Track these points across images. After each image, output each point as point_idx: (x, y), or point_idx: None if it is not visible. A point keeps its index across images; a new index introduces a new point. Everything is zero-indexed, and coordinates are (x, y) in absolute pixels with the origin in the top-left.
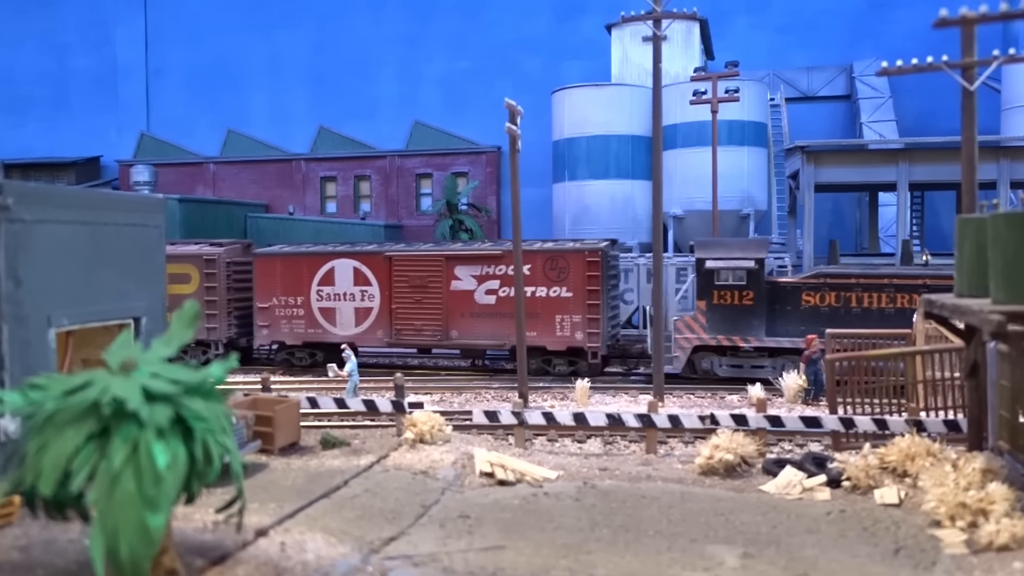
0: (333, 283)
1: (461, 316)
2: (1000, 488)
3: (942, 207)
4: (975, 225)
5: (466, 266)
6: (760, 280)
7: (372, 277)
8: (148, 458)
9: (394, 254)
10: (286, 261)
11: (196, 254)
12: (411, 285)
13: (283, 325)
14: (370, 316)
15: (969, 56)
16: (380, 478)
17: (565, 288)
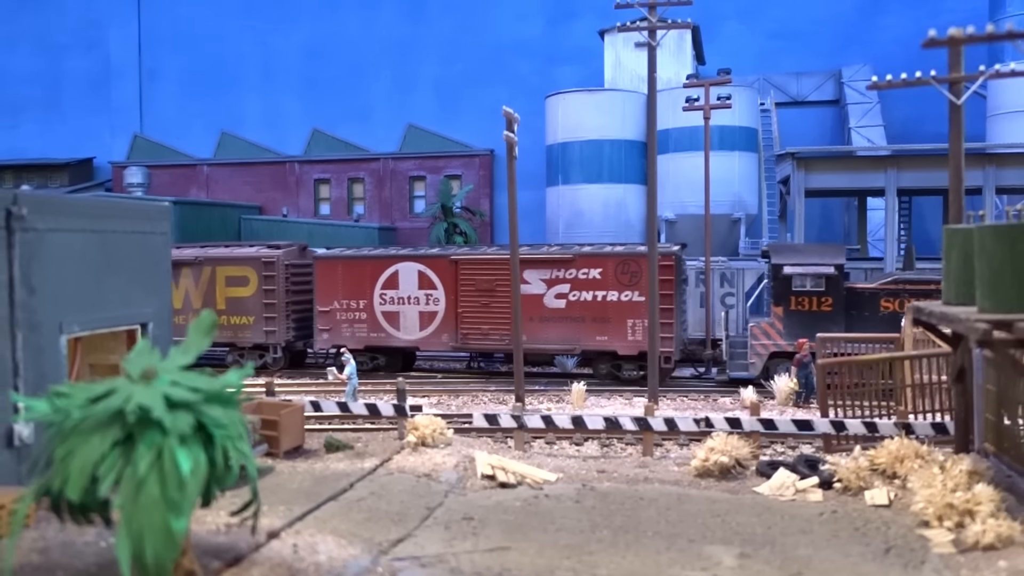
0: (397, 286)
1: (530, 320)
2: (986, 489)
3: (928, 212)
4: (962, 235)
5: (535, 270)
6: (839, 286)
7: (437, 281)
8: (172, 464)
9: (460, 257)
10: (348, 264)
11: (254, 256)
12: (478, 289)
13: (344, 329)
14: (435, 320)
15: (957, 72)
16: (385, 481)
17: (637, 292)
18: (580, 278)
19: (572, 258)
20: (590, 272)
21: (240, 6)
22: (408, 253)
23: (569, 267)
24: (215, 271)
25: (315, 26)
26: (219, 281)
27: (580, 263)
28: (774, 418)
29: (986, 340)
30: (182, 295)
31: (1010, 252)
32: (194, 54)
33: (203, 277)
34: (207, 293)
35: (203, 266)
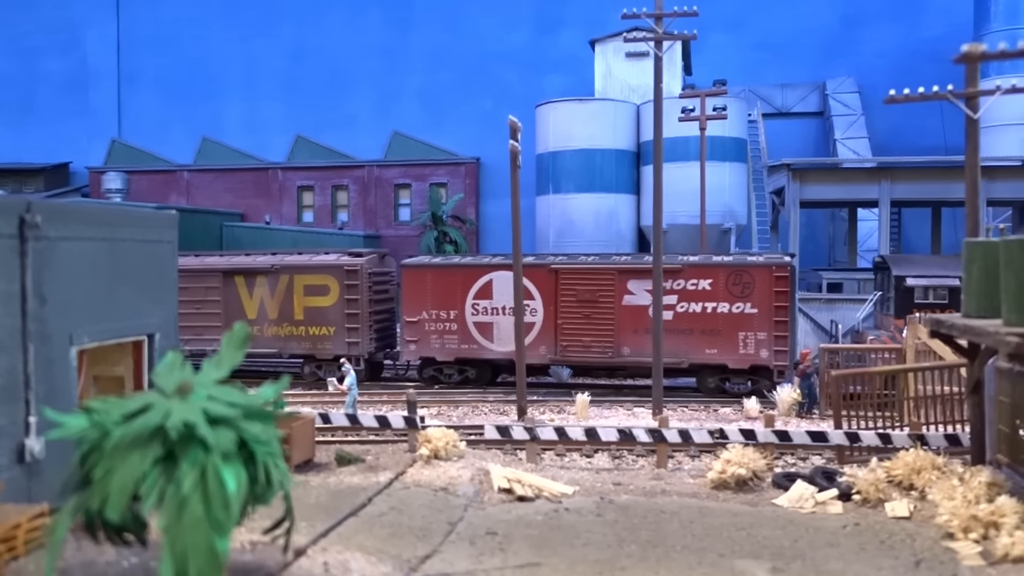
0: (491, 296)
1: (634, 332)
2: (1009, 501)
3: (911, 223)
4: (983, 249)
5: (640, 280)
6: None
7: (535, 290)
8: (216, 482)
9: (560, 267)
10: (438, 273)
11: (336, 264)
12: (579, 299)
13: (433, 340)
14: (532, 332)
15: (973, 87)
16: (402, 495)
17: (750, 304)
18: (689, 289)
19: (680, 268)
20: (699, 283)
21: (222, 10)
22: (503, 262)
23: (677, 277)
24: (293, 280)
25: (299, 31)
26: (297, 290)
27: (689, 274)
28: (789, 430)
29: (1017, 353)
30: (256, 305)
31: None
32: (174, 58)
33: (280, 286)
34: (284, 303)
35: (280, 275)
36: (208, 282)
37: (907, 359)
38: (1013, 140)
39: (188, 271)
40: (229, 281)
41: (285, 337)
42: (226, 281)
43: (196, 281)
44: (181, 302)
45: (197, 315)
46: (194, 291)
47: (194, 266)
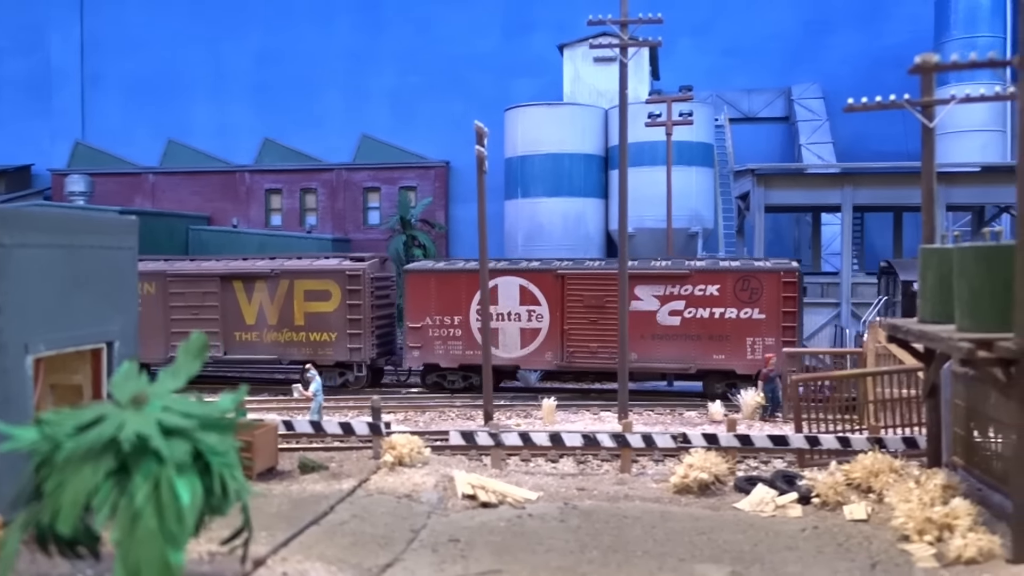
0: (496, 302)
1: (641, 338)
2: (963, 503)
3: (874, 227)
4: (938, 255)
5: (648, 286)
6: None
7: (541, 296)
8: (170, 495)
9: (567, 272)
10: (442, 278)
11: (337, 269)
12: (586, 305)
13: (437, 346)
14: (538, 337)
15: (929, 95)
16: (365, 503)
17: (757, 309)
18: (696, 294)
19: (688, 274)
20: (707, 288)
21: (188, 11)
22: (509, 267)
23: (685, 283)
24: (293, 284)
25: (267, 33)
26: (297, 295)
27: (697, 279)
28: (751, 434)
29: (969, 359)
30: (255, 311)
31: (989, 273)
32: (140, 59)
33: (279, 291)
34: (284, 308)
35: (280, 279)
36: (205, 287)
37: (868, 363)
38: (973, 146)
39: (185, 276)
40: (227, 286)
41: (285, 343)
42: (224, 286)
43: (193, 286)
44: (178, 307)
45: (194, 321)
46: (191, 296)
47: (191, 271)
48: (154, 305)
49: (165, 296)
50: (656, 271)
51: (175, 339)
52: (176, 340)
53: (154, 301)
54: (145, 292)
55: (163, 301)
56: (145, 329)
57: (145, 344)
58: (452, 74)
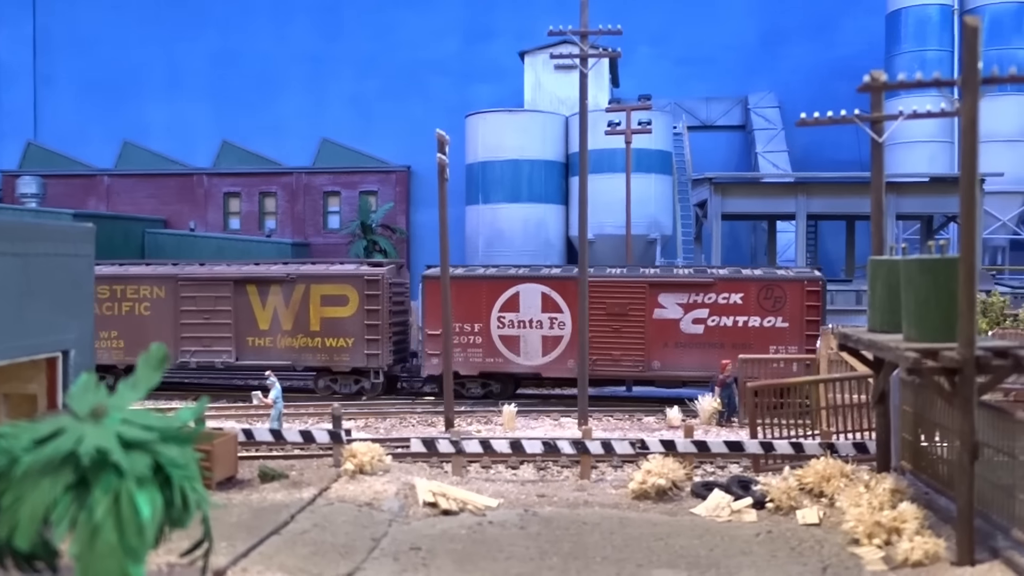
0: (518, 309)
1: (664, 346)
2: (910, 507)
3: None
4: (887, 266)
5: (671, 293)
6: None
7: (563, 303)
8: (130, 509)
9: (590, 279)
10: (462, 284)
11: (355, 274)
12: (608, 313)
13: (457, 354)
14: (560, 345)
15: (878, 111)
16: (326, 511)
17: (781, 318)
18: (720, 303)
19: (712, 282)
20: (731, 297)
21: (144, 9)
22: (531, 274)
23: (708, 291)
24: (309, 289)
25: (225, 34)
26: (313, 300)
27: (720, 287)
28: (707, 440)
29: (916, 368)
30: (270, 315)
31: (934, 284)
32: (94, 59)
33: (295, 296)
34: (299, 313)
35: (295, 284)
36: (217, 291)
37: (821, 369)
38: (922, 156)
39: (196, 279)
40: (240, 290)
41: (299, 348)
42: (237, 290)
43: (204, 290)
44: (189, 312)
45: (205, 326)
46: (202, 301)
47: (203, 274)
48: (164, 309)
49: (175, 300)
50: (680, 279)
51: (185, 344)
52: (187, 345)
53: (164, 305)
54: (155, 296)
55: (173, 305)
56: (156, 334)
57: None
58: (413, 79)
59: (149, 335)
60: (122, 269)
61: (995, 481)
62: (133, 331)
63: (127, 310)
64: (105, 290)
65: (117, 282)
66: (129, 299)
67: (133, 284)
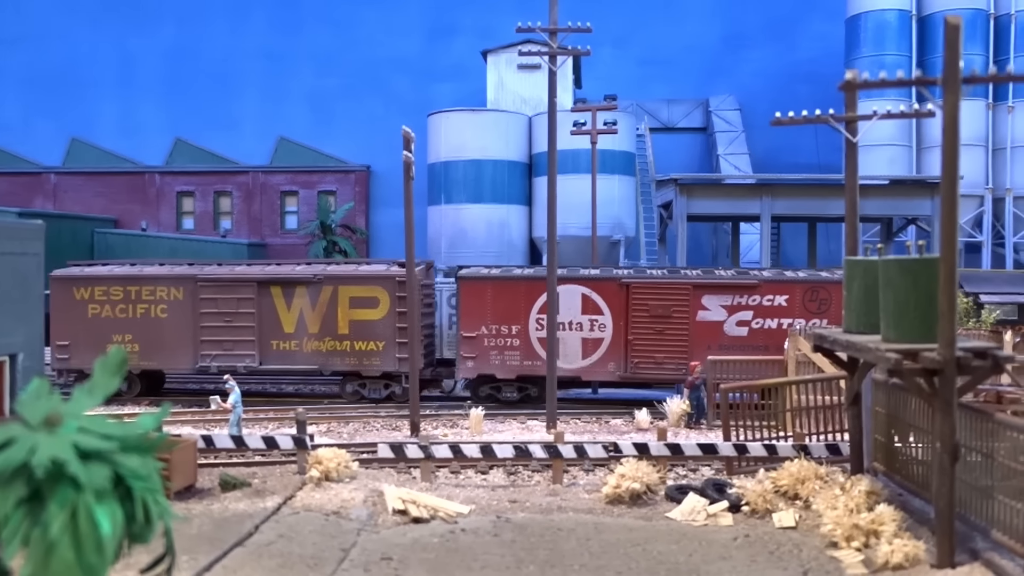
0: (557, 311)
1: (708, 349)
2: (888, 509)
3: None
4: (863, 267)
5: (715, 295)
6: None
7: (604, 305)
8: (89, 524)
9: (632, 281)
10: (499, 285)
11: (386, 275)
12: (651, 315)
13: (493, 357)
14: (600, 348)
15: (852, 111)
16: (292, 521)
17: (826, 320)
18: (764, 305)
19: (756, 284)
20: (775, 299)
21: (94, 1)
22: (570, 275)
23: (753, 293)
24: (337, 291)
25: (179, 29)
26: (342, 302)
27: (765, 289)
28: (680, 442)
29: (896, 369)
30: (295, 318)
31: (914, 285)
32: (41, 52)
33: (322, 298)
34: (327, 316)
35: (323, 285)
36: (240, 293)
37: (789, 371)
38: (882, 159)
39: (218, 281)
40: (264, 292)
41: (327, 352)
42: (261, 292)
43: (226, 292)
44: (209, 314)
45: (227, 328)
46: (224, 303)
47: (224, 275)
48: (182, 312)
49: (195, 302)
50: (724, 281)
51: (206, 348)
52: (207, 349)
53: (182, 307)
54: (172, 297)
55: (192, 308)
56: (173, 337)
57: (173, 353)
58: (373, 77)
59: (166, 338)
60: (136, 269)
61: (973, 483)
62: (149, 334)
63: (142, 312)
64: (118, 291)
65: (131, 283)
66: (144, 301)
67: (149, 285)
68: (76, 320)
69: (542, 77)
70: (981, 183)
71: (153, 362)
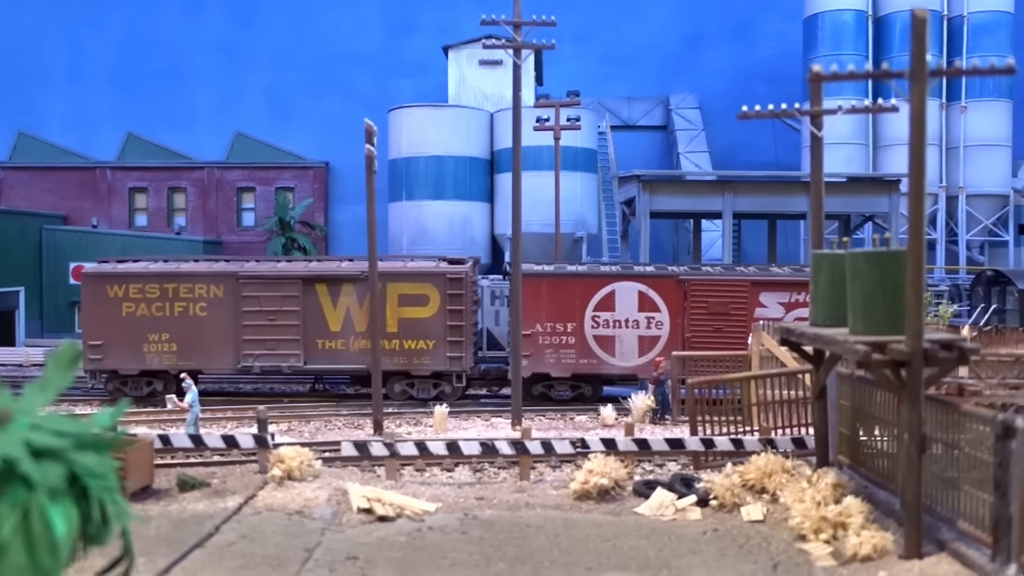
0: (613, 308)
1: None
2: (855, 502)
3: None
4: (830, 260)
5: (773, 292)
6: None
7: (661, 302)
8: (42, 525)
9: (689, 278)
10: (554, 282)
11: (437, 272)
12: (709, 312)
13: (548, 355)
14: (657, 345)
15: (818, 106)
16: (253, 521)
17: None
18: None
19: (788, 282)
20: (802, 295)
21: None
22: (626, 272)
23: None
24: (385, 288)
25: (132, 20)
26: (391, 300)
27: (792, 287)
28: (648, 437)
29: (864, 361)
30: (341, 316)
31: (881, 277)
32: None
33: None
34: None
35: None
36: (284, 290)
37: (752, 366)
38: (839, 157)
39: (261, 278)
40: (309, 289)
41: None
42: (306, 289)
43: (270, 289)
44: (252, 312)
45: (270, 327)
46: (267, 300)
47: (268, 272)
48: (223, 309)
49: (236, 300)
50: (782, 278)
51: (248, 347)
52: (249, 348)
53: (223, 305)
54: (212, 295)
55: (234, 305)
56: (213, 337)
57: (213, 353)
58: (332, 72)
59: (205, 338)
60: (174, 266)
61: (939, 473)
62: (187, 333)
63: (180, 311)
64: (155, 289)
65: (169, 280)
66: (183, 299)
67: (187, 282)
68: (109, 319)
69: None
70: (935, 181)
71: (192, 362)
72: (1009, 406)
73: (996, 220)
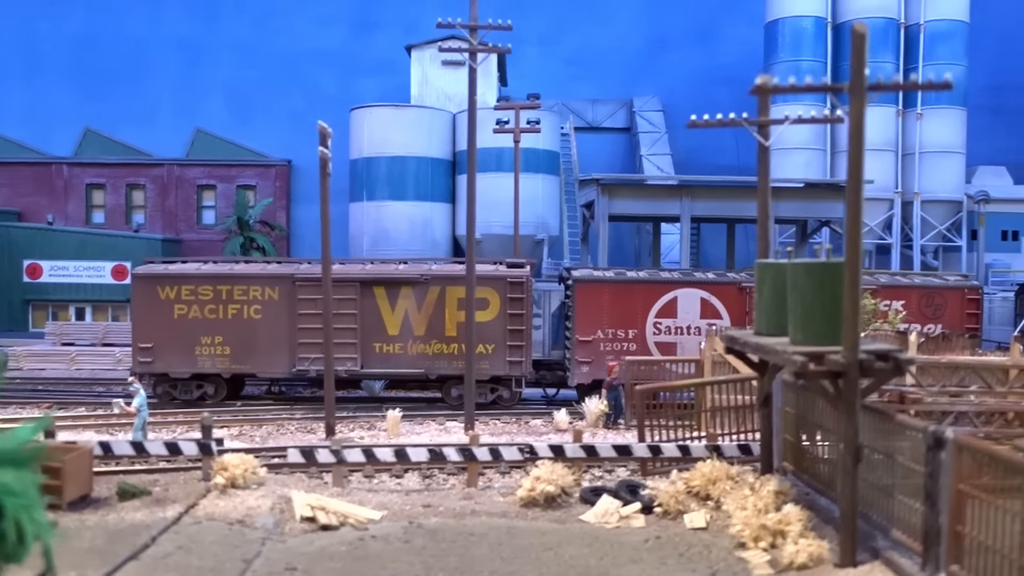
0: (675, 315)
1: None
2: (794, 509)
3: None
4: (773, 270)
5: None
6: None
7: (723, 309)
8: None
9: (751, 285)
10: (616, 289)
11: (498, 276)
12: None
13: (609, 361)
14: None
15: (765, 116)
16: (192, 531)
17: (941, 325)
18: (882, 309)
19: (874, 289)
20: (892, 304)
21: None
22: (689, 279)
23: (871, 298)
24: (445, 292)
25: (89, 13)
26: (450, 303)
27: (882, 294)
28: (595, 444)
29: (802, 371)
30: (399, 320)
31: (819, 288)
32: None
33: (428, 299)
34: (433, 317)
35: (430, 286)
36: (341, 293)
37: (705, 371)
38: (798, 162)
39: (316, 280)
40: (367, 292)
41: (433, 355)
42: (364, 292)
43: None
44: (307, 315)
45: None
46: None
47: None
48: (277, 313)
49: (292, 303)
50: None
51: (303, 351)
52: (305, 352)
53: (277, 308)
54: (267, 298)
55: (290, 308)
56: (268, 340)
57: (268, 357)
58: (294, 70)
59: (260, 341)
60: (227, 267)
61: (875, 482)
62: (241, 336)
63: (234, 313)
64: (208, 291)
65: (222, 282)
66: (236, 301)
67: (241, 284)
68: (161, 321)
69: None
70: (891, 187)
71: (246, 366)
72: (948, 414)
73: (950, 226)
